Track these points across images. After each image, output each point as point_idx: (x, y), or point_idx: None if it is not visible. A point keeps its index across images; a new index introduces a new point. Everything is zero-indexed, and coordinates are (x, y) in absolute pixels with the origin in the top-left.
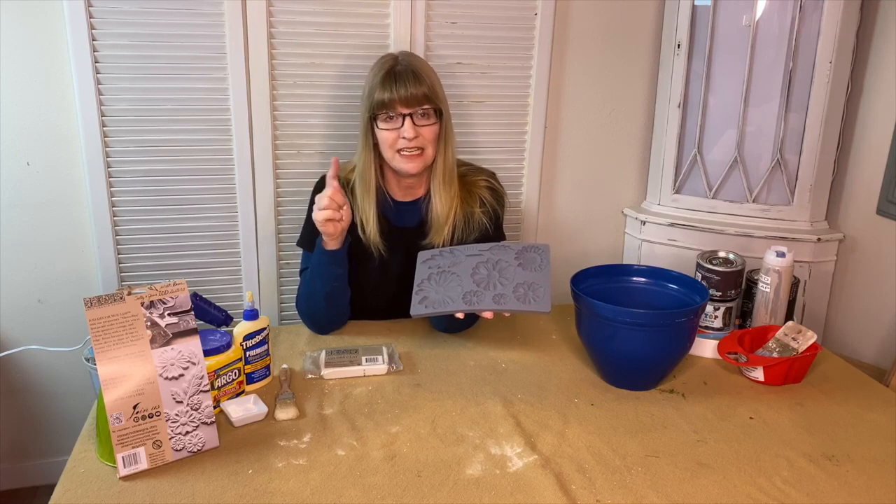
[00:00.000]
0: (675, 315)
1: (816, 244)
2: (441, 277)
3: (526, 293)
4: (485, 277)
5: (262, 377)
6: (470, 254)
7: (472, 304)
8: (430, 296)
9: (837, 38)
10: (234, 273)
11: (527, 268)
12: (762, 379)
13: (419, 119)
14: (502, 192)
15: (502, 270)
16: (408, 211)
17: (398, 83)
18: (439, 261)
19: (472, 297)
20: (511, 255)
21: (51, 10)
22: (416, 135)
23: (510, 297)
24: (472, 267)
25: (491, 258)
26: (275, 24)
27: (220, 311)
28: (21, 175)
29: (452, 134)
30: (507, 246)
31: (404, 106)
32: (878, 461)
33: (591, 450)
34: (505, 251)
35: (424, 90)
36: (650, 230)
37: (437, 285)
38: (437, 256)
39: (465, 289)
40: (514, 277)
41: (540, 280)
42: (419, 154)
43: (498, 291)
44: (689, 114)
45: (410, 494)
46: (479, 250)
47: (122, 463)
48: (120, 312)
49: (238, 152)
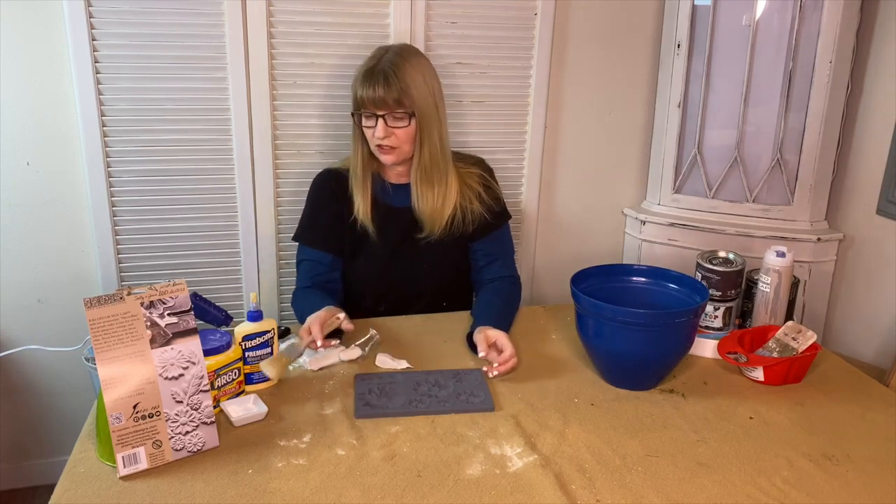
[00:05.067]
0: (675, 315)
1: (816, 244)
2: (381, 391)
3: (469, 398)
4: (425, 392)
5: (264, 379)
6: (408, 377)
7: (416, 407)
8: (372, 402)
9: (837, 38)
10: (234, 273)
11: (466, 383)
12: (762, 379)
13: (392, 120)
14: (493, 173)
15: (440, 383)
16: (402, 192)
17: (372, 84)
18: (377, 381)
19: (416, 403)
20: (449, 378)
21: (51, 10)
22: (387, 135)
23: (453, 400)
24: (412, 386)
25: (428, 379)
26: (275, 24)
27: (220, 311)
28: (21, 175)
29: (436, 131)
30: (442, 373)
31: (376, 107)
32: (878, 461)
33: (591, 450)
34: (441, 374)
35: (394, 94)
36: (650, 230)
37: (378, 397)
38: (377, 378)
39: (409, 398)
40: (454, 389)
41: (477, 387)
42: (394, 149)
43: (441, 398)
44: (689, 114)
45: (410, 494)
46: (415, 378)
47: (122, 463)
48: (120, 312)
49: (238, 152)
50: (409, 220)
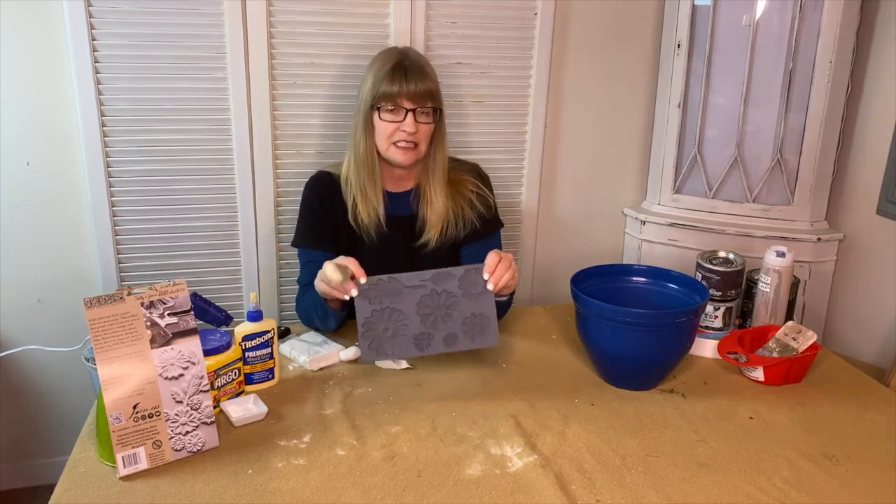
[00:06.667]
0: (675, 315)
1: (816, 244)
2: (385, 315)
3: (473, 329)
4: (431, 312)
5: (264, 379)
6: (411, 284)
7: (423, 349)
8: (378, 338)
9: (837, 38)
10: (234, 273)
11: (471, 296)
12: (762, 379)
13: (420, 116)
14: (488, 180)
15: (448, 304)
16: (398, 201)
17: (408, 78)
18: (379, 293)
19: (423, 339)
20: (454, 284)
21: (50, 10)
22: (415, 130)
23: (460, 335)
24: (416, 302)
25: (434, 289)
26: (275, 24)
27: (220, 311)
28: (21, 175)
29: (446, 134)
30: (448, 273)
31: (410, 101)
32: (878, 461)
33: (591, 450)
34: (447, 279)
35: (431, 88)
36: (650, 230)
37: (384, 324)
38: (375, 286)
39: (414, 330)
40: (461, 310)
41: (485, 309)
42: (413, 148)
43: (448, 331)
44: (689, 114)
45: (410, 494)
46: (419, 280)
47: (122, 463)
48: (120, 312)
49: (238, 152)
50: (405, 229)
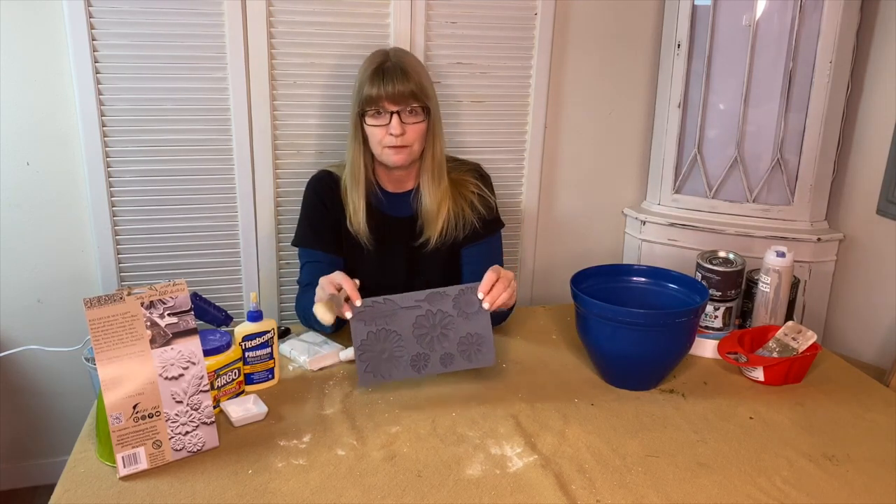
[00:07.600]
0: (675, 315)
1: (816, 244)
2: (381, 336)
3: (469, 348)
4: (427, 332)
5: (264, 379)
6: (406, 305)
7: (420, 371)
8: (375, 360)
9: (837, 38)
10: (234, 273)
11: (466, 316)
12: (762, 379)
13: (406, 116)
14: (489, 180)
15: (444, 324)
16: (399, 202)
17: (386, 80)
18: (374, 315)
19: (420, 360)
20: (449, 304)
21: (50, 10)
22: (402, 132)
23: (456, 355)
24: (412, 323)
25: (430, 309)
26: (275, 24)
27: (220, 311)
28: (21, 175)
29: (441, 130)
30: (443, 293)
31: (392, 103)
32: (878, 461)
33: (591, 450)
34: (442, 299)
35: (412, 87)
36: (650, 230)
37: (380, 345)
38: (370, 308)
39: (411, 351)
40: (457, 330)
41: (481, 328)
42: (405, 148)
43: (444, 351)
44: (689, 114)
45: (410, 494)
46: (415, 301)
47: (122, 463)
48: (120, 312)
49: (238, 152)
50: (405, 230)
